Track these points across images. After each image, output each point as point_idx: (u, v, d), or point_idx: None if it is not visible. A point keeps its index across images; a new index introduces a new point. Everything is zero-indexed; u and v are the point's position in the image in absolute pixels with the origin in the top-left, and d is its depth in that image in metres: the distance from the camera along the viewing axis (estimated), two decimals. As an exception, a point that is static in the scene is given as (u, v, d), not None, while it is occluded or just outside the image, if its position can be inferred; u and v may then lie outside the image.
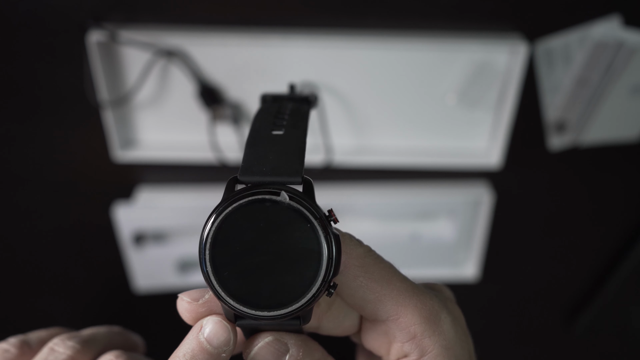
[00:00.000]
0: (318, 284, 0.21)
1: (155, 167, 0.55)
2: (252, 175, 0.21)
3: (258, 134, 0.24)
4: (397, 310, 0.23)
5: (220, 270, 0.21)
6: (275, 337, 0.23)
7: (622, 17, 0.49)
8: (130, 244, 0.57)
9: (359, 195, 0.56)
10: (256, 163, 0.22)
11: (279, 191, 0.20)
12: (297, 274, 0.21)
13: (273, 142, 0.23)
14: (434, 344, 0.23)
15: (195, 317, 0.23)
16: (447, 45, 0.48)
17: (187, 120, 0.52)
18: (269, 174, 0.21)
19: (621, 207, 0.61)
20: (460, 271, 0.62)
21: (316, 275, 0.21)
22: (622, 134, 0.55)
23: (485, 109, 0.53)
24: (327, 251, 0.20)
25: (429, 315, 0.23)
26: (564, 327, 0.71)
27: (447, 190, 0.57)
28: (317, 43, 0.48)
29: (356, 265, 0.23)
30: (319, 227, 0.20)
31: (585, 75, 0.51)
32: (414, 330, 0.23)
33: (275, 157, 0.22)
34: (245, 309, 0.21)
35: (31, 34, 0.48)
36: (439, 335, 0.23)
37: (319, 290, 0.21)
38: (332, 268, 0.21)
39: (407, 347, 0.23)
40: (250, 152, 0.22)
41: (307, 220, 0.20)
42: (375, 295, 0.23)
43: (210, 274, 0.21)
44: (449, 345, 0.23)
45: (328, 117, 0.52)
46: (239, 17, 0.48)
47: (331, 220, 0.21)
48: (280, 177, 0.21)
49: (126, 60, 0.49)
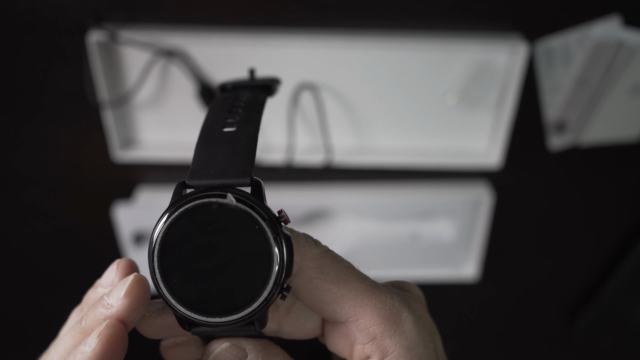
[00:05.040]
0: (270, 287, 0.20)
1: (155, 167, 0.55)
2: (200, 179, 0.21)
3: (209, 132, 0.23)
4: (355, 311, 0.22)
5: (170, 277, 0.20)
6: (233, 342, 0.22)
7: (622, 17, 0.49)
8: (130, 244, 0.57)
9: (359, 195, 0.56)
10: (205, 166, 0.21)
11: (225, 194, 0.20)
12: (248, 277, 0.20)
13: (223, 140, 0.22)
14: (395, 344, 0.22)
15: (151, 329, 0.23)
16: (447, 45, 0.48)
17: (187, 120, 0.52)
18: (216, 176, 0.21)
19: (621, 207, 0.61)
20: (460, 271, 0.62)
21: (267, 278, 0.20)
22: (622, 134, 0.55)
23: (485, 109, 0.53)
24: (277, 253, 0.20)
25: (389, 315, 0.22)
26: (564, 327, 0.71)
27: (447, 190, 0.57)
28: (317, 43, 0.48)
29: (311, 267, 0.22)
30: (268, 229, 0.20)
31: (585, 75, 0.51)
32: (373, 331, 0.22)
33: (224, 158, 0.21)
34: (197, 316, 0.20)
35: (31, 34, 0.48)
36: (400, 335, 0.22)
37: (271, 293, 0.20)
38: (284, 270, 0.20)
39: (368, 348, 0.22)
40: (199, 153, 0.22)
41: (255, 222, 0.20)
42: (332, 296, 0.22)
43: (160, 281, 0.20)
44: (411, 345, 0.22)
45: (328, 117, 0.52)
46: (239, 17, 0.48)
47: (281, 221, 0.20)
48: (228, 179, 0.20)
49: (126, 60, 0.49)
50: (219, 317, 0.20)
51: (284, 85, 0.50)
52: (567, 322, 0.70)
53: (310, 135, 0.54)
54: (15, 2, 0.46)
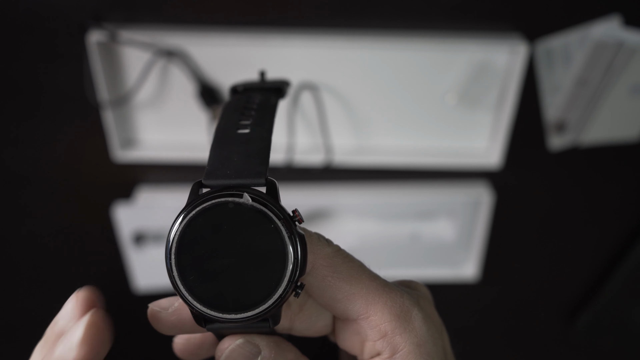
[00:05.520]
0: (284, 285, 0.20)
1: (155, 167, 0.55)
2: (216, 179, 0.21)
3: (223, 133, 0.24)
4: (367, 309, 0.23)
5: (187, 274, 0.20)
6: (246, 339, 0.23)
7: (622, 17, 0.49)
8: (130, 244, 0.57)
9: (359, 195, 0.56)
10: (220, 166, 0.22)
11: (241, 193, 0.20)
12: (263, 275, 0.20)
13: (238, 142, 0.23)
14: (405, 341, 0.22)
15: (166, 325, 0.23)
16: (447, 45, 0.48)
17: (187, 120, 0.52)
18: (232, 176, 0.21)
19: (621, 207, 0.61)
20: (460, 271, 0.62)
21: (282, 276, 0.20)
22: (622, 134, 0.55)
23: (485, 109, 0.53)
24: (292, 251, 0.20)
25: (400, 313, 0.23)
26: (564, 327, 0.71)
27: (447, 190, 0.57)
28: (317, 43, 0.48)
29: (324, 265, 0.23)
30: (283, 228, 0.20)
31: (585, 75, 0.51)
32: (384, 328, 0.23)
33: (239, 159, 0.22)
34: (212, 313, 0.21)
35: (31, 34, 0.48)
36: (410, 332, 0.23)
37: (285, 291, 0.20)
38: (298, 268, 0.21)
39: (379, 345, 0.23)
40: (214, 154, 0.22)
41: (270, 221, 0.20)
42: (344, 294, 0.23)
43: (177, 279, 0.20)
44: (421, 342, 0.23)
45: (328, 117, 0.52)
46: (239, 17, 0.48)
47: (295, 221, 0.21)
48: (243, 180, 0.21)
49: (126, 60, 0.49)
50: (234, 314, 0.21)
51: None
52: (567, 322, 0.70)
53: (310, 135, 0.54)
54: (15, 2, 0.46)
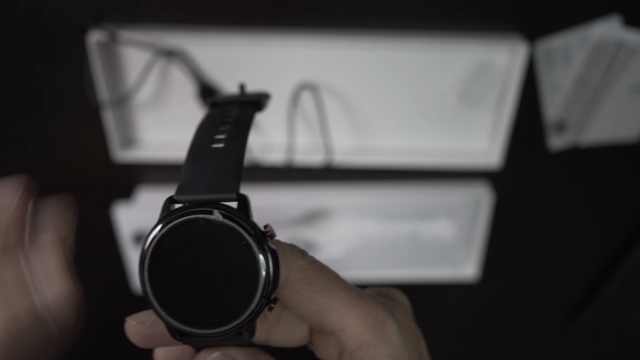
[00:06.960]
0: (256, 300, 0.20)
1: (155, 167, 0.55)
2: (187, 194, 0.21)
3: (197, 148, 0.24)
4: (341, 321, 0.23)
5: (160, 291, 0.21)
6: (223, 352, 0.23)
7: (622, 17, 0.49)
8: (130, 244, 0.57)
9: (359, 195, 0.56)
10: (193, 181, 0.22)
11: (211, 210, 0.20)
12: (236, 291, 0.21)
13: (211, 156, 0.23)
14: (380, 353, 0.23)
15: (143, 339, 0.23)
16: (447, 45, 0.48)
17: (187, 120, 0.52)
18: (203, 192, 0.21)
19: (621, 207, 0.61)
20: (460, 271, 0.62)
21: (254, 291, 0.20)
22: (622, 134, 0.55)
23: (485, 109, 0.53)
24: (264, 267, 0.20)
25: (374, 325, 0.23)
26: (564, 327, 0.71)
27: (447, 190, 0.57)
28: (317, 43, 0.48)
29: (298, 278, 0.23)
30: (254, 244, 0.20)
31: (585, 75, 0.51)
32: (359, 341, 0.23)
33: (211, 173, 0.22)
34: (187, 328, 0.21)
35: (31, 34, 0.48)
36: (385, 344, 0.23)
37: (257, 306, 0.21)
38: (270, 284, 0.21)
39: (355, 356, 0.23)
40: (187, 169, 0.23)
41: (241, 238, 0.20)
42: (319, 306, 0.23)
43: (150, 295, 0.21)
44: (396, 354, 0.23)
45: (328, 117, 0.52)
46: (239, 17, 0.48)
47: (267, 236, 0.21)
48: (214, 195, 0.21)
49: (126, 60, 0.49)
50: (208, 329, 0.21)
51: (284, 85, 0.50)
52: (567, 322, 0.70)
53: (310, 135, 0.54)
54: (15, 2, 0.46)
